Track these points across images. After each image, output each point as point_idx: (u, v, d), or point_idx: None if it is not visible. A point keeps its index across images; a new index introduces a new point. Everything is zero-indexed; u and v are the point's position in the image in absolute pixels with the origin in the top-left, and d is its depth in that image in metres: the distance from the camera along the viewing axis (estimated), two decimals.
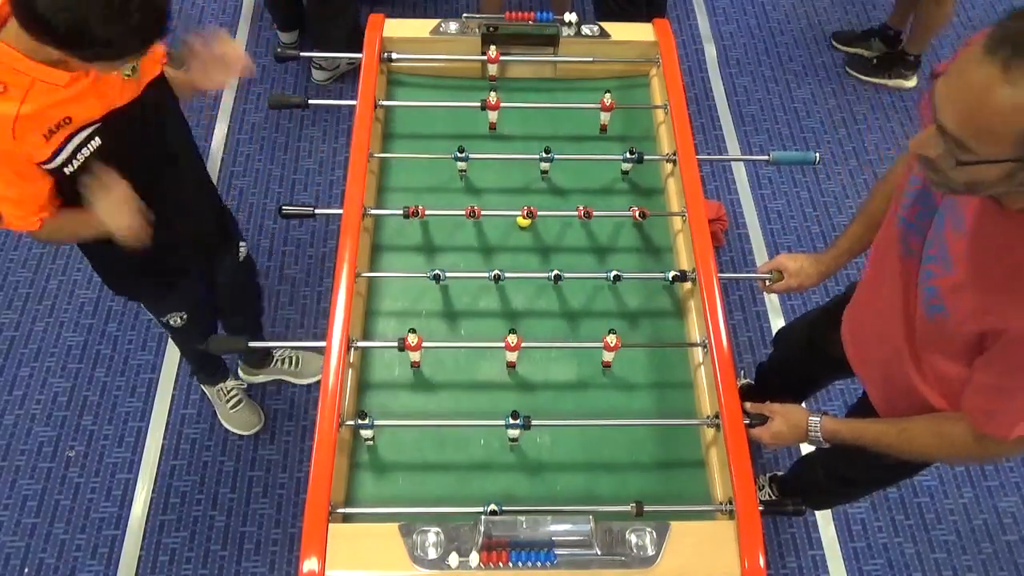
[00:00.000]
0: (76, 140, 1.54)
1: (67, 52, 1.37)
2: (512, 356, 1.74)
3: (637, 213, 1.94)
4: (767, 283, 1.90)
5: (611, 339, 1.68)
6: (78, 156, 1.56)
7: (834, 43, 3.71)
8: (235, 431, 2.61)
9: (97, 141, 1.57)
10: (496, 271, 1.79)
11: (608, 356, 1.74)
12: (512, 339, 1.67)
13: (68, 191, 1.61)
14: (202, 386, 2.64)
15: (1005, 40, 0.94)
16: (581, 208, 1.91)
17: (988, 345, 1.30)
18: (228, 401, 2.58)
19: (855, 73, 3.59)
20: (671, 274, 1.83)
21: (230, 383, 2.59)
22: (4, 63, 1.43)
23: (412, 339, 1.67)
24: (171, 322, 2.11)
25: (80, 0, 1.28)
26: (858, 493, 2.32)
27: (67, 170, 1.56)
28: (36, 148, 1.50)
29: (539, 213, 1.91)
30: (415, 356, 1.73)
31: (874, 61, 3.56)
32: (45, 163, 1.53)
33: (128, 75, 1.59)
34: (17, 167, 1.50)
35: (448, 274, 1.81)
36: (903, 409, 1.61)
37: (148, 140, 1.71)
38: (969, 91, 1.00)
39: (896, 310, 1.54)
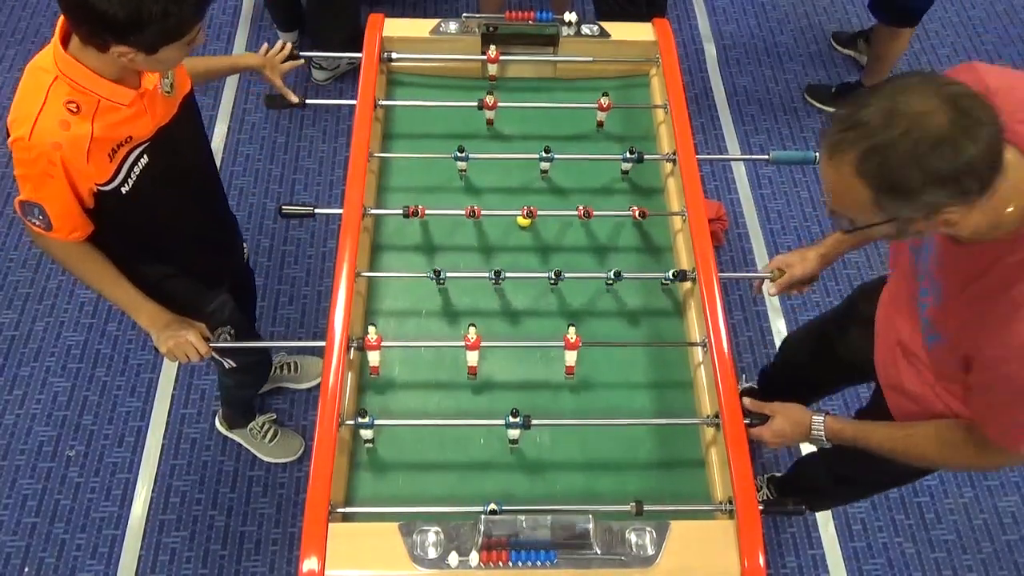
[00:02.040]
0: (131, 159, 1.58)
1: (133, 43, 1.39)
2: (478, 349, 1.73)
3: (637, 213, 1.94)
4: (768, 282, 1.89)
5: (571, 335, 1.69)
6: (131, 175, 1.59)
7: (833, 44, 3.70)
8: (281, 461, 2.56)
9: (145, 159, 1.61)
10: (496, 270, 1.79)
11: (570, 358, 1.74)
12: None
13: (119, 214, 1.63)
14: (231, 434, 2.57)
15: (824, 144, 1.19)
16: (581, 208, 1.91)
17: (972, 368, 1.37)
18: (264, 436, 2.53)
19: (811, 100, 3.48)
20: (671, 272, 1.83)
21: (260, 418, 2.54)
22: (77, 83, 1.46)
23: (372, 336, 1.67)
24: (222, 338, 1.99)
25: None
26: (858, 494, 2.32)
27: (123, 189, 1.59)
28: (100, 169, 1.53)
29: (539, 213, 1.91)
30: (374, 360, 1.72)
31: (833, 90, 3.46)
32: (105, 184, 1.55)
33: (168, 92, 1.62)
34: (73, 185, 1.52)
35: (448, 274, 1.81)
36: (914, 412, 1.61)
37: (185, 156, 1.75)
38: (825, 181, 1.22)
39: (907, 321, 1.56)
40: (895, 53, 3.21)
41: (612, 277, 1.82)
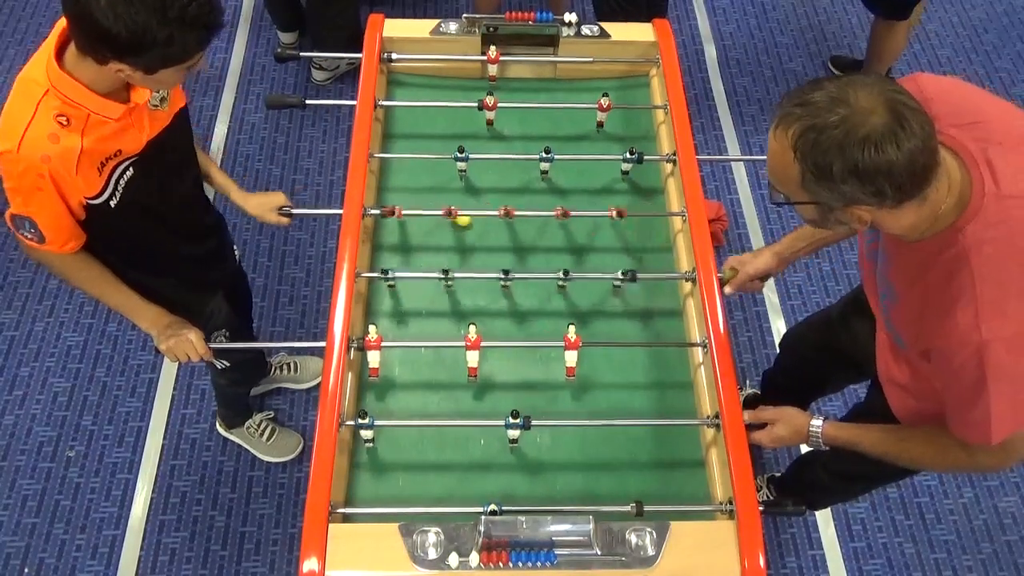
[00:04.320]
0: (117, 172, 1.57)
1: (133, 62, 1.39)
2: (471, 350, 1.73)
3: (614, 213, 1.93)
4: (723, 282, 1.88)
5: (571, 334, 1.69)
6: (118, 188, 1.58)
7: (831, 67, 3.66)
8: (280, 460, 2.55)
9: (130, 172, 1.60)
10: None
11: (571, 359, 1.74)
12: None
13: (108, 227, 1.63)
14: (229, 434, 2.57)
15: (776, 116, 1.24)
16: (560, 208, 1.91)
17: (931, 363, 1.40)
18: (262, 435, 2.53)
19: None
20: (620, 272, 1.83)
21: (257, 416, 2.54)
22: (67, 97, 1.45)
23: (372, 336, 1.66)
24: (218, 340, 2.00)
25: (135, 4, 1.31)
26: (861, 489, 2.32)
27: (112, 203, 1.58)
28: (89, 182, 1.52)
29: (539, 213, 1.92)
30: (374, 360, 1.71)
31: None
32: (94, 197, 1.54)
33: (156, 106, 1.61)
34: (63, 198, 1.51)
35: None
36: (912, 406, 1.61)
37: (173, 169, 1.74)
38: (768, 151, 1.27)
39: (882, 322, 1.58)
40: (892, 50, 3.19)
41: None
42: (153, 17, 1.32)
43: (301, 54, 2.30)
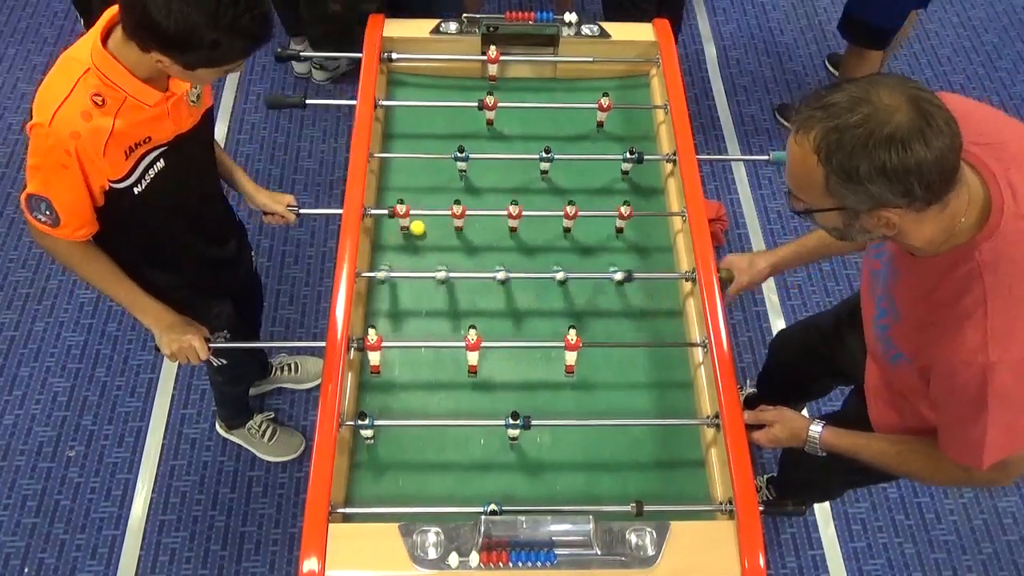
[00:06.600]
0: (147, 160, 1.58)
1: (174, 57, 1.41)
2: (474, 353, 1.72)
3: (623, 211, 1.93)
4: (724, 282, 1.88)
5: (571, 336, 1.68)
6: (146, 176, 1.60)
7: (828, 65, 3.65)
8: (282, 459, 2.55)
9: (161, 163, 1.61)
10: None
11: (570, 359, 1.73)
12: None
13: (130, 216, 1.63)
14: (230, 435, 2.57)
15: (795, 120, 1.21)
16: (566, 208, 1.90)
17: (930, 381, 1.38)
18: (263, 435, 2.53)
19: (782, 120, 3.42)
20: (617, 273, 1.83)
21: (257, 417, 2.54)
22: (107, 77, 1.46)
23: (372, 338, 1.67)
24: (218, 340, 1.98)
25: (189, 4, 1.33)
26: (810, 497, 2.34)
27: (136, 189, 1.59)
28: (115, 164, 1.53)
29: (538, 214, 1.91)
30: (375, 359, 1.72)
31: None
32: (118, 181, 1.55)
33: (193, 102, 1.63)
34: (86, 178, 1.52)
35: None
36: (894, 420, 1.61)
37: (197, 168, 1.76)
38: (788, 158, 1.25)
39: (872, 340, 1.59)
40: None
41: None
42: (204, 20, 1.34)
43: (301, 54, 2.31)
